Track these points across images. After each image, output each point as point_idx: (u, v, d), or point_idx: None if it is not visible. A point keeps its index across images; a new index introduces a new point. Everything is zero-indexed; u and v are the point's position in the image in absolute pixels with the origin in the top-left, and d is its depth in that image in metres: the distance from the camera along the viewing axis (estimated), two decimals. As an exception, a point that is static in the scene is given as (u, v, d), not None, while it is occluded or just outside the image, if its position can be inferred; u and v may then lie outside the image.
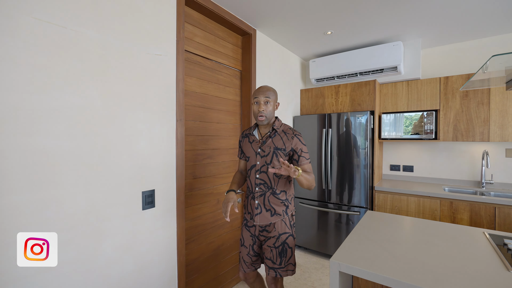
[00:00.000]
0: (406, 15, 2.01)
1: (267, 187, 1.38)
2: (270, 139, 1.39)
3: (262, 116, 1.35)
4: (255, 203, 1.40)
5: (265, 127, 1.44)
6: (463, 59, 2.50)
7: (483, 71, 1.19)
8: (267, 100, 1.36)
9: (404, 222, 1.49)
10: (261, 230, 1.41)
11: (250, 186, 1.45)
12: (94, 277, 1.19)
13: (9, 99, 0.94)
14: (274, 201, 1.38)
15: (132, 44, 1.33)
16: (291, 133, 1.39)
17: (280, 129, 1.42)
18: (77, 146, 1.12)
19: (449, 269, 0.95)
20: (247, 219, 1.47)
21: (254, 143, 1.44)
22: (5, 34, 0.93)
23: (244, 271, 1.47)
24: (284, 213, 1.39)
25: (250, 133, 1.50)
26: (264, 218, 1.38)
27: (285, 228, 1.39)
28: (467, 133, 2.31)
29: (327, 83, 2.92)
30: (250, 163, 1.44)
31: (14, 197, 0.95)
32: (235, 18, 2.02)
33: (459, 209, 2.13)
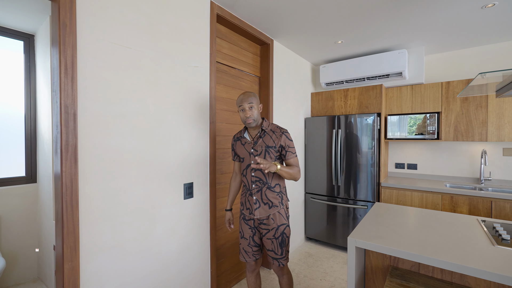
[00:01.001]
0: (410, 26, 2.23)
1: (262, 183, 1.53)
2: (261, 139, 1.53)
3: (250, 120, 1.50)
4: (253, 199, 1.54)
5: (254, 129, 1.58)
6: (463, 65, 2.71)
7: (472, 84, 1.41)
8: (251, 105, 1.49)
9: (408, 211, 1.71)
10: (259, 223, 1.56)
11: (247, 184, 1.58)
12: (148, 254, 1.43)
13: (94, 107, 1.18)
14: (271, 195, 1.52)
15: (176, 58, 1.57)
16: (279, 131, 1.53)
17: (268, 128, 1.55)
18: (137, 144, 1.37)
19: (445, 244, 1.18)
20: (245, 214, 1.60)
21: (246, 144, 1.57)
22: (91, 55, 1.17)
23: (246, 260, 1.62)
24: (280, 204, 1.54)
25: (241, 136, 1.62)
26: (263, 211, 1.52)
27: (282, 219, 1.54)
28: (467, 134, 2.52)
29: (336, 87, 3.14)
30: (245, 163, 1.57)
31: (95, 186, 1.20)
32: (256, 30, 2.25)
33: (459, 203, 2.35)
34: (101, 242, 1.22)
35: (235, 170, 1.76)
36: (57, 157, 1.10)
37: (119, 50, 1.28)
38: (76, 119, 1.12)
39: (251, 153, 1.55)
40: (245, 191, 1.62)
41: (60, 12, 1.07)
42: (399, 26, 2.24)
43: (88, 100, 1.17)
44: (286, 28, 2.27)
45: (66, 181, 1.09)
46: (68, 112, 1.09)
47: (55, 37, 1.09)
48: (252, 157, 1.54)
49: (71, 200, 1.11)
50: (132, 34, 1.33)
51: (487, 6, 1.86)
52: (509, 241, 1.20)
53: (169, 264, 1.55)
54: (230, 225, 1.72)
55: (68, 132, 1.09)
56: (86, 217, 1.17)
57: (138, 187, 1.37)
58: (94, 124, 1.19)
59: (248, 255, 1.61)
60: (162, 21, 1.48)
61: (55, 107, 1.11)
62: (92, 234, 1.19)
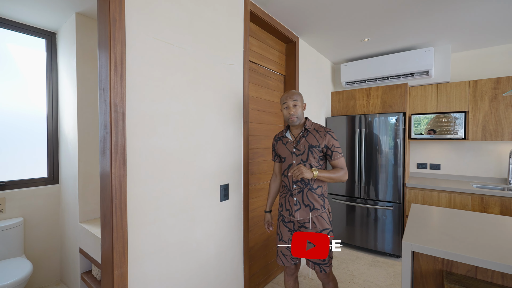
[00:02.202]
0: (438, 23, 2.18)
1: (304, 183, 1.47)
2: (304, 138, 1.48)
3: (293, 117, 1.46)
4: (294, 200, 1.49)
5: (296, 128, 1.53)
6: (491, 64, 2.66)
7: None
8: (295, 103, 1.46)
9: (449, 213, 1.66)
10: (300, 225, 1.49)
11: (288, 184, 1.52)
12: (189, 258, 1.38)
13: (140, 106, 1.13)
14: (312, 196, 1.46)
15: (214, 56, 1.52)
16: (323, 131, 1.48)
17: (311, 127, 1.51)
18: (179, 145, 1.32)
19: (506, 248, 1.13)
20: (284, 216, 1.55)
21: (288, 144, 1.53)
22: (138, 52, 1.12)
23: (284, 264, 1.55)
24: (322, 208, 1.47)
25: (283, 135, 1.58)
26: (303, 213, 1.47)
27: (325, 224, 1.46)
28: (495, 133, 2.47)
29: (357, 86, 3.09)
30: (287, 163, 1.52)
31: (140, 188, 1.15)
32: (283, 27, 2.20)
33: (490, 204, 2.30)
34: (146, 246, 1.18)
35: (275, 171, 1.71)
36: (105, 158, 1.05)
37: (163, 46, 1.23)
38: (125, 118, 1.07)
39: (293, 152, 1.50)
40: (285, 191, 1.56)
41: (111, 7, 1.02)
42: (428, 24, 2.19)
43: (135, 99, 1.12)
44: (314, 25, 2.22)
45: (115, 183, 1.04)
46: (117, 111, 1.04)
47: (104, 33, 1.04)
48: (294, 156, 1.50)
49: (120, 203, 1.06)
50: (175, 30, 1.28)
51: (528, 2, 1.81)
52: None
53: (208, 268, 1.50)
54: (269, 227, 1.67)
55: (117, 132, 1.04)
56: (133, 221, 1.12)
57: (179, 189, 1.33)
58: (140, 124, 1.14)
59: (286, 259, 1.55)
60: (201, 17, 1.43)
61: (103, 106, 1.06)
62: (138, 239, 1.14)
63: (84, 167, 1.96)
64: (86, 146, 1.96)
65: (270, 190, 1.72)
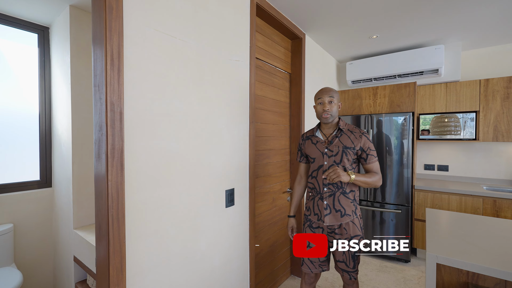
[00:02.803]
0: (449, 20, 2.09)
1: (336, 187, 1.39)
2: (337, 139, 1.40)
3: (327, 114, 1.38)
4: (324, 204, 1.40)
5: (328, 128, 1.46)
6: (503, 62, 2.57)
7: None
8: (331, 100, 1.39)
9: (469, 219, 1.57)
10: (330, 231, 1.42)
11: (317, 186, 1.44)
12: (193, 270, 1.27)
13: (139, 105, 1.02)
14: (344, 201, 1.38)
15: (219, 51, 1.41)
16: (359, 132, 1.40)
17: (345, 128, 1.43)
18: (182, 147, 1.20)
19: (543, 261, 1.03)
20: (312, 220, 1.47)
21: (318, 143, 1.45)
22: (137, 44, 1.01)
23: (312, 271, 1.47)
24: (354, 214, 1.39)
25: (312, 135, 1.51)
26: (333, 218, 1.39)
27: (357, 230, 1.39)
28: (508, 134, 2.39)
29: (363, 84, 2.99)
30: (317, 164, 1.44)
31: (140, 195, 1.03)
32: (290, 23, 2.09)
33: (503, 207, 2.21)
34: (146, 260, 1.06)
35: (300, 172, 1.63)
36: (100, 162, 0.94)
37: (164, 39, 1.11)
38: (123, 118, 0.96)
39: (324, 153, 1.42)
40: (314, 194, 1.47)
41: (107, -7, 0.90)
42: (440, 21, 2.10)
43: (134, 97, 1.00)
44: (321, 20, 2.11)
45: (112, 191, 0.93)
46: (114, 110, 0.93)
47: (98, 23, 0.93)
48: (326, 157, 1.41)
49: (117, 213, 0.95)
50: (178, 22, 1.17)
51: (548, -4, 1.73)
52: None
53: (212, 280, 1.39)
54: (293, 233, 1.59)
55: (114, 133, 0.93)
56: (132, 233, 1.01)
57: (182, 195, 1.21)
58: (139, 125, 1.03)
59: (314, 266, 1.46)
60: (206, 9, 1.32)
61: (98, 105, 0.94)
62: (137, 252, 1.03)
63: (79, 169, 1.83)
64: (81, 147, 1.84)
65: (294, 193, 1.64)
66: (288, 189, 2.33)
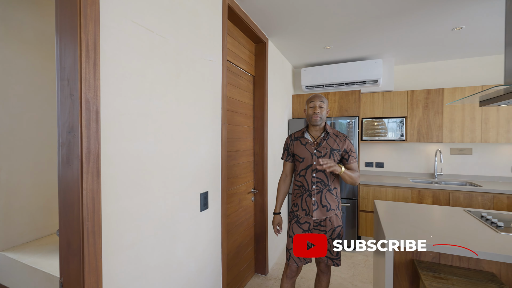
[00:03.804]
0: (386, 38, 2.46)
1: (323, 184, 1.54)
2: (325, 141, 1.55)
3: (317, 116, 1.53)
4: (312, 200, 1.54)
5: (316, 130, 1.60)
6: (423, 77, 3.15)
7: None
8: (321, 104, 1.54)
9: (405, 207, 1.88)
10: (316, 225, 1.56)
11: (305, 184, 1.57)
12: (170, 280, 1.20)
13: (116, 103, 0.92)
14: (330, 197, 1.54)
15: (194, 49, 1.36)
16: (343, 136, 1.58)
17: (331, 132, 1.59)
18: (159, 150, 1.13)
19: (464, 236, 1.32)
20: (300, 216, 1.58)
21: (308, 145, 1.58)
22: (114, 36, 0.90)
23: (297, 265, 1.58)
24: (337, 208, 1.56)
25: (301, 136, 1.63)
26: (321, 213, 1.53)
27: (339, 221, 1.56)
28: (427, 136, 2.94)
29: (316, 90, 3.26)
30: (305, 163, 1.57)
31: (117, 205, 0.93)
32: (256, 27, 2.15)
33: (425, 196, 2.71)
34: (124, 276, 0.96)
35: (285, 171, 1.72)
36: (70, 169, 0.81)
37: (142, 32, 1.02)
38: (99, 118, 0.85)
39: (313, 154, 1.55)
40: (302, 191, 1.58)
41: (81, -27, 0.78)
42: (379, 39, 2.46)
43: (110, 94, 0.90)
44: (284, 28, 2.23)
45: (87, 201, 0.81)
46: (89, 109, 0.81)
47: (69, 7, 0.80)
48: (315, 158, 1.53)
49: (93, 226, 0.83)
50: (155, 16, 1.09)
51: (457, 29, 2.20)
52: (503, 227, 1.43)
53: (189, 287, 1.33)
54: (279, 230, 1.70)
55: (90, 135, 0.82)
56: (108, 247, 0.90)
57: (160, 202, 1.13)
58: (117, 125, 0.92)
59: (299, 259, 1.58)
60: (182, 4, 1.26)
61: (67, 102, 0.81)
62: (114, 268, 0.92)
63: (9, 177, 1.51)
64: (12, 150, 1.52)
65: (280, 191, 1.72)
66: (253, 190, 2.38)
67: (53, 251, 1.57)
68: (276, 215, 1.71)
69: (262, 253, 2.45)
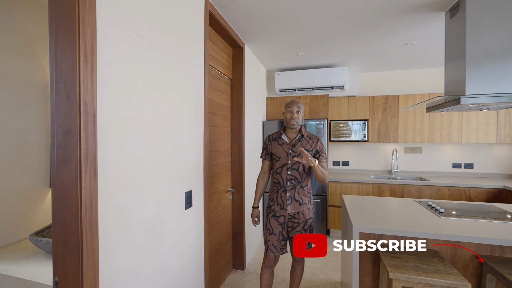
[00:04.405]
0: (351, 49, 2.73)
1: (297, 181, 1.71)
2: (299, 142, 1.72)
3: (294, 121, 1.68)
4: (286, 196, 1.70)
5: (293, 133, 1.76)
6: (382, 84, 3.52)
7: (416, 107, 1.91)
8: (299, 110, 1.70)
9: (367, 200, 2.13)
10: (290, 218, 1.72)
11: (281, 181, 1.72)
12: (159, 275, 1.25)
13: (110, 106, 0.96)
14: (302, 193, 1.72)
15: (180, 54, 1.42)
16: (315, 138, 1.76)
17: (306, 134, 1.76)
18: (148, 151, 1.17)
19: (414, 221, 1.57)
20: (276, 210, 1.74)
21: (284, 145, 1.74)
22: (108, 41, 0.94)
23: (275, 255, 1.74)
24: (309, 202, 1.74)
25: (279, 137, 1.78)
26: (294, 207, 1.70)
27: (310, 213, 1.74)
28: (385, 137, 3.30)
29: (289, 93, 3.45)
30: (281, 162, 1.72)
31: (111, 203, 0.97)
32: (234, 32, 2.24)
33: (384, 190, 3.05)
34: (117, 272, 1.00)
35: (264, 169, 1.85)
36: (67, 169, 0.84)
37: (133, 39, 1.07)
38: (96, 120, 0.88)
39: (289, 153, 1.69)
40: (277, 188, 1.72)
41: (80, -18, 0.82)
42: (345, 48, 2.72)
43: (105, 97, 0.93)
44: (260, 35, 2.36)
45: (85, 200, 0.84)
46: (87, 111, 0.85)
47: (68, 14, 0.83)
48: (290, 157, 1.68)
49: (91, 224, 0.87)
50: (145, 22, 1.14)
51: (409, 44, 2.53)
52: (443, 212, 1.73)
53: (175, 283, 1.38)
54: (258, 222, 1.84)
55: (88, 137, 0.85)
56: (103, 244, 0.93)
57: (150, 201, 1.18)
58: (111, 127, 0.96)
59: (277, 250, 1.72)
60: (169, 11, 1.31)
61: (64, 105, 0.84)
62: (108, 264, 0.96)
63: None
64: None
65: (258, 187, 1.84)
66: (230, 188, 2.47)
67: (24, 257, 1.51)
68: (254, 209, 1.85)
69: (239, 249, 2.55)
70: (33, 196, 1.81)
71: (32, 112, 1.80)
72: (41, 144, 1.85)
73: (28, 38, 1.77)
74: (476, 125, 3.03)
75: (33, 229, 1.81)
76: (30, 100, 1.79)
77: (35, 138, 1.81)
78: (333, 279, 2.37)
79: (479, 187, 2.80)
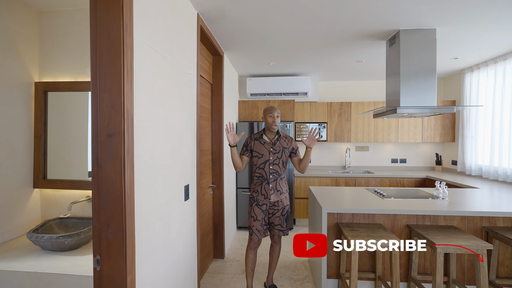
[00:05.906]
0: (313, 62, 3.19)
1: (277, 174, 2.02)
2: (278, 142, 2.06)
3: (275, 125, 2.01)
4: (269, 187, 2.00)
5: (272, 134, 2.07)
6: (338, 92, 4.11)
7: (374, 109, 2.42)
8: (278, 115, 2.02)
9: (330, 190, 2.58)
10: (271, 205, 2.03)
11: (264, 175, 2.02)
12: (168, 258, 1.45)
13: (138, 111, 1.15)
14: (281, 184, 2.05)
15: (181, 65, 1.62)
16: (290, 138, 2.12)
17: (282, 135, 2.10)
18: (162, 150, 1.37)
19: (365, 203, 2.05)
20: (259, 199, 2.03)
21: (266, 144, 2.04)
22: (137, 58, 1.13)
23: (259, 238, 2.03)
24: (286, 191, 2.09)
25: (260, 137, 2.08)
26: (276, 196, 2.02)
27: (287, 201, 2.08)
28: (341, 137, 3.87)
29: (259, 97, 3.79)
30: (264, 159, 2.02)
31: (141, 193, 1.16)
32: (216, 43, 2.48)
33: (340, 182, 3.61)
34: (144, 251, 1.19)
35: (242, 161, 2.08)
36: (112, 164, 1.02)
37: (152, 54, 1.26)
38: (133, 124, 1.07)
39: (270, 151, 2.01)
40: (261, 181, 2.01)
41: (124, 13, 1.01)
42: (309, 61, 3.17)
43: (136, 105, 1.12)
44: (238, 45, 2.64)
45: (127, 190, 1.03)
46: (128, 117, 1.04)
47: (113, 37, 1.01)
48: (271, 154, 2.00)
49: (130, 210, 1.06)
50: (160, 39, 1.34)
51: (359, 61, 3.09)
52: (385, 195, 2.25)
53: (179, 265, 1.59)
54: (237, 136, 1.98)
55: (128, 138, 1.04)
56: (136, 226, 1.12)
57: (163, 192, 1.38)
58: (140, 129, 1.15)
59: (260, 233, 2.01)
60: (174, 28, 1.52)
61: (107, 111, 1.01)
62: (138, 244, 1.15)
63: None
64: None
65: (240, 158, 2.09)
66: (212, 185, 2.70)
67: (21, 255, 1.55)
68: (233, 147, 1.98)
69: (220, 240, 2.79)
70: (17, 197, 1.80)
71: (16, 112, 1.78)
72: (25, 146, 1.84)
73: (12, 38, 1.76)
74: (408, 128, 3.79)
75: (18, 230, 1.80)
76: (13, 99, 1.78)
77: (19, 138, 1.80)
78: (302, 259, 2.78)
79: (410, 177, 3.53)
